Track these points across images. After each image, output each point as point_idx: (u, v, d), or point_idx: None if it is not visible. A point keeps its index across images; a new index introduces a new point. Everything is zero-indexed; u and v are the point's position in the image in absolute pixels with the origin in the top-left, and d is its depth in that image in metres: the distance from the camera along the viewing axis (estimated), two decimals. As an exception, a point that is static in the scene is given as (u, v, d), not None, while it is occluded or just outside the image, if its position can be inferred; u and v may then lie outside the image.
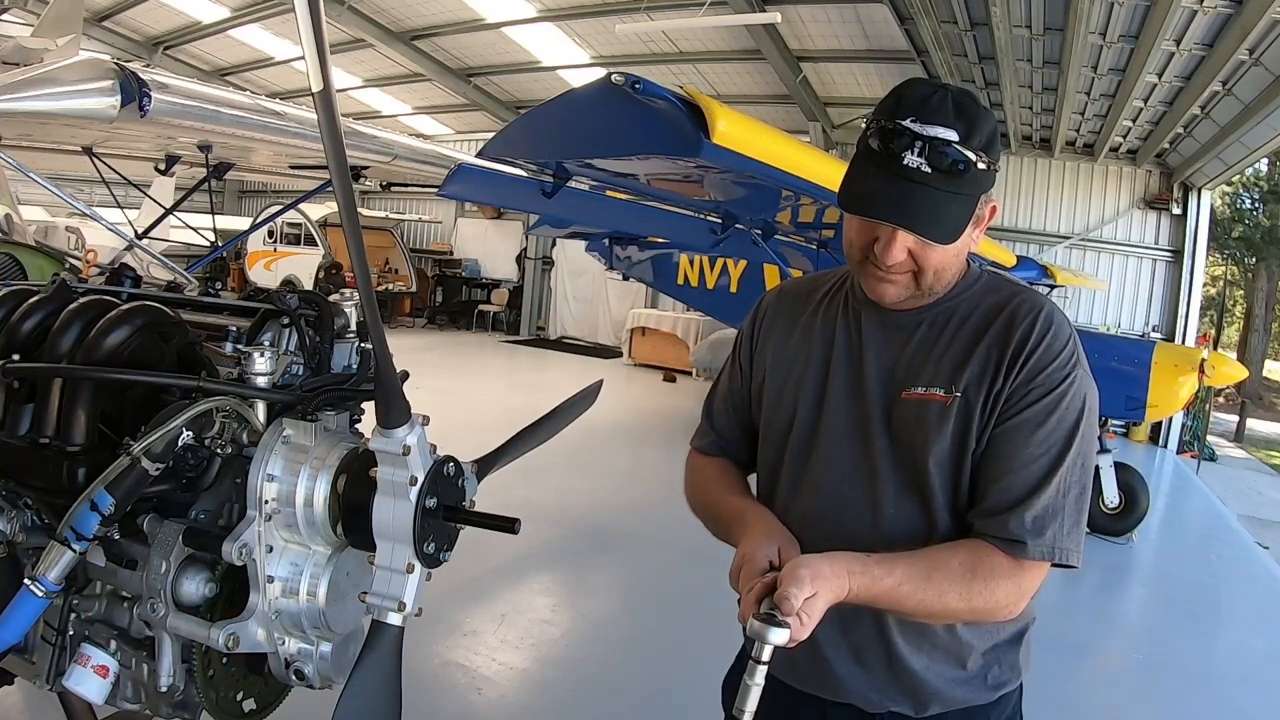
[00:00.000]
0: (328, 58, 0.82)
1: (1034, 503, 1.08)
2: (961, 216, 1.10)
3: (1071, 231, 11.48)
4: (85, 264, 3.66)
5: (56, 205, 11.25)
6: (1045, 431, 1.10)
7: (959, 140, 1.05)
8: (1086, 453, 1.12)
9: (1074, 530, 1.10)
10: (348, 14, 11.31)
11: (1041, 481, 1.09)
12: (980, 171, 1.08)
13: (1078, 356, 1.14)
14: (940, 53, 8.61)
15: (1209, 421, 11.74)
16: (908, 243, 1.11)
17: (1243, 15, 6.00)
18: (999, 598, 1.08)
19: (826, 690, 1.24)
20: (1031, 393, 1.11)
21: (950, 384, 1.15)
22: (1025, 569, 1.09)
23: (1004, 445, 1.11)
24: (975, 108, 1.08)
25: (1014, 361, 1.12)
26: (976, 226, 1.16)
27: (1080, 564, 1.11)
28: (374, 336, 0.97)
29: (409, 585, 1.02)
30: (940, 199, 1.06)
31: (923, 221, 1.08)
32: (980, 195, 1.12)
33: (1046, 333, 1.13)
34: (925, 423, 1.15)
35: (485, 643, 3.51)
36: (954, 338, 1.18)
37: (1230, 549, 6.44)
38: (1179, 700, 3.70)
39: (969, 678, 1.20)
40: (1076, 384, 1.12)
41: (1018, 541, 1.08)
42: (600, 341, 14.97)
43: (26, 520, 1.22)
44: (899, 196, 1.07)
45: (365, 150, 4.32)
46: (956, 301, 1.21)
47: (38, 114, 2.48)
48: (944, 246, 1.11)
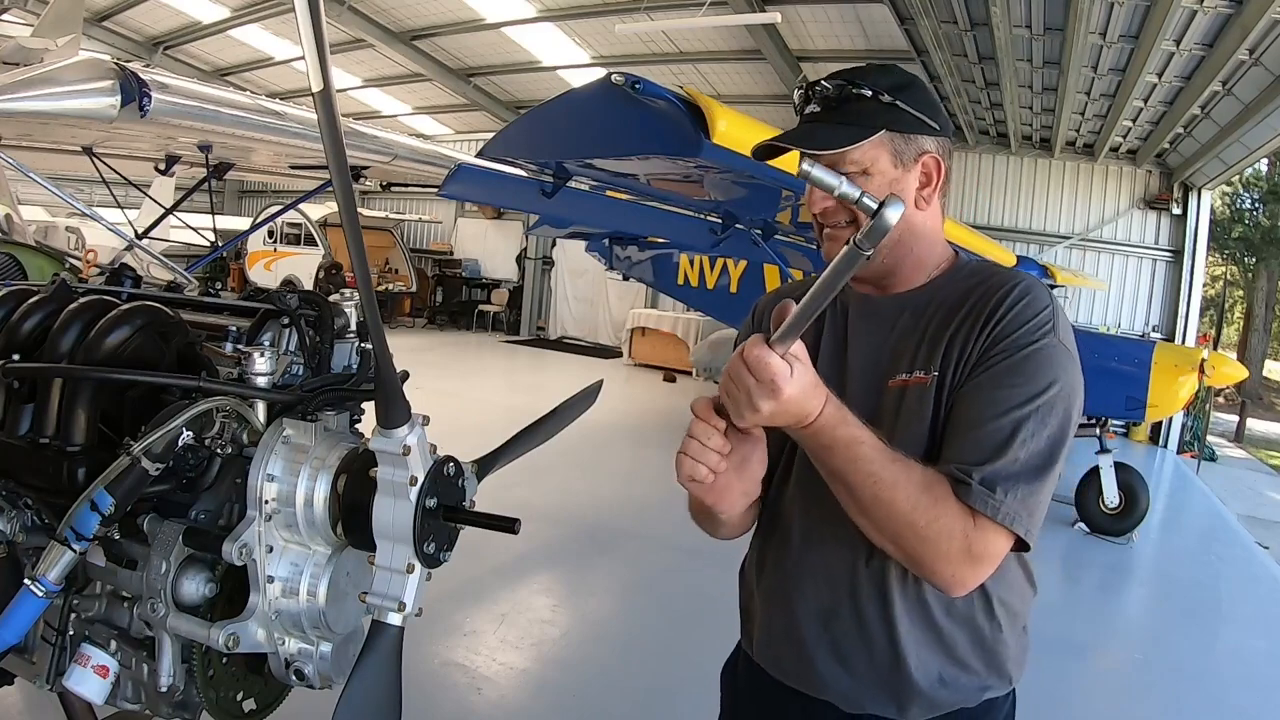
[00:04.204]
0: (328, 58, 0.81)
1: (988, 464, 1.03)
2: (845, 135, 1.11)
3: (1071, 231, 11.48)
4: (85, 264, 3.66)
5: (56, 205, 11.25)
6: (1005, 392, 1.05)
7: (847, 81, 1.12)
8: (1055, 427, 1.05)
9: (1028, 501, 1.04)
10: (348, 14, 11.31)
11: (1003, 443, 1.03)
12: (880, 104, 1.11)
13: (1053, 327, 1.09)
14: (940, 53, 8.61)
15: (1209, 421, 11.74)
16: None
17: (1243, 15, 6.00)
18: (940, 530, 1.01)
19: (808, 686, 1.23)
20: (995, 355, 1.08)
21: (928, 364, 1.13)
22: (975, 523, 1.02)
23: (963, 405, 1.08)
24: (878, 69, 1.14)
25: (983, 327, 1.10)
26: (925, 186, 1.16)
27: (1033, 543, 1.06)
28: (374, 336, 0.97)
29: (409, 585, 1.02)
30: (831, 128, 1.12)
31: (809, 143, 1.12)
32: (884, 129, 1.11)
33: (1020, 300, 1.10)
34: (907, 408, 1.13)
35: (485, 643, 3.51)
36: (933, 320, 1.16)
37: (1230, 549, 6.44)
38: (1179, 700, 3.70)
39: (956, 678, 1.17)
40: (1044, 351, 1.07)
41: (962, 482, 1.02)
42: (600, 341, 14.97)
43: (26, 520, 1.22)
44: (795, 134, 1.15)
45: (365, 150, 4.32)
46: (942, 287, 1.19)
47: (38, 114, 2.48)
48: (865, 188, 1.01)
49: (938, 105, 1.17)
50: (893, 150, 1.13)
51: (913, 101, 1.13)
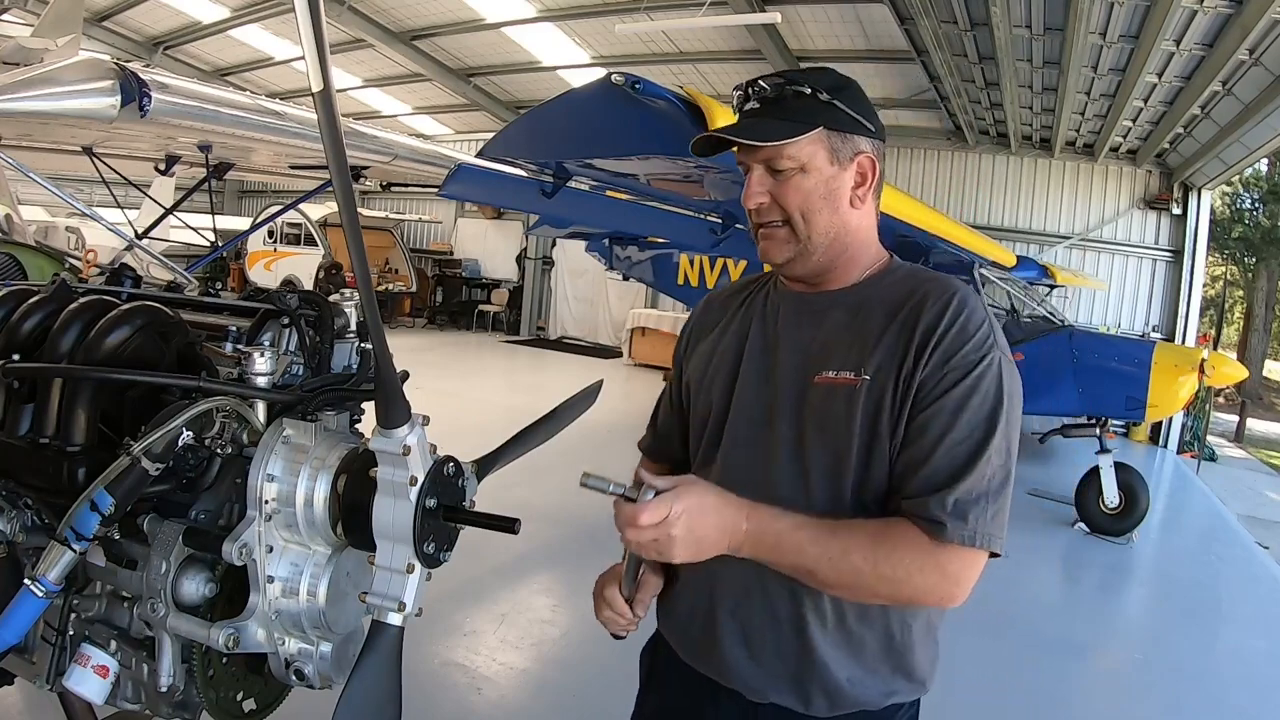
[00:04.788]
0: (328, 58, 0.82)
1: (957, 488, 1.05)
2: (784, 129, 1.13)
3: (1071, 231, 11.47)
4: (85, 264, 3.66)
5: (56, 205, 11.25)
6: (966, 416, 1.07)
7: (786, 80, 1.15)
8: (1010, 438, 1.09)
9: (998, 517, 1.07)
10: (348, 14, 11.30)
11: (964, 467, 1.06)
12: (819, 102, 1.13)
13: (994, 340, 1.11)
14: (940, 53, 8.61)
15: (1209, 421, 11.74)
16: (765, 184, 1.16)
17: (1243, 15, 6.00)
18: (910, 569, 1.05)
19: (716, 672, 1.24)
20: (946, 377, 1.09)
21: (859, 366, 1.13)
22: (946, 551, 1.05)
23: (923, 433, 1.09)
24: (816, 70, 1.17)
25: (924, 346, 1.10)
26: (860, 185, 1.18)
27: (1004, 551, 1.08)
28: (374, 336, 0.97)
29: (409, 585, 1.02)
30: (770, 122, 1.14)
31: (749, 135, 1.14)
32: (820, 125, 1.13)
33: (958, 316, 1.11)
34: (834, 406, 1.14)
35: (485, 643, 3.51)
36: (866, 321, 1.17)
37: (1230, 549, 6.43)
38: (1179, 700, 3.69)
39: (862, 680, 1.17)
40: (993, 367, 1.09)
41: (936, 522, 1.05)
42: (600, 341, 14.97)
43: (26, 520, 1.22)
44: (735, 129, 1.17)
45: (365, 150, 4.31)
46: (875, 287, 1.21)
47: (38, 114, 2.48)
48: (801, 184, 1.14)
49: (873, 110, 1.19)
50: (830, 148, 1.15)
51: (850, 102, 1.15)
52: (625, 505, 1.04)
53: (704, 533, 1.04)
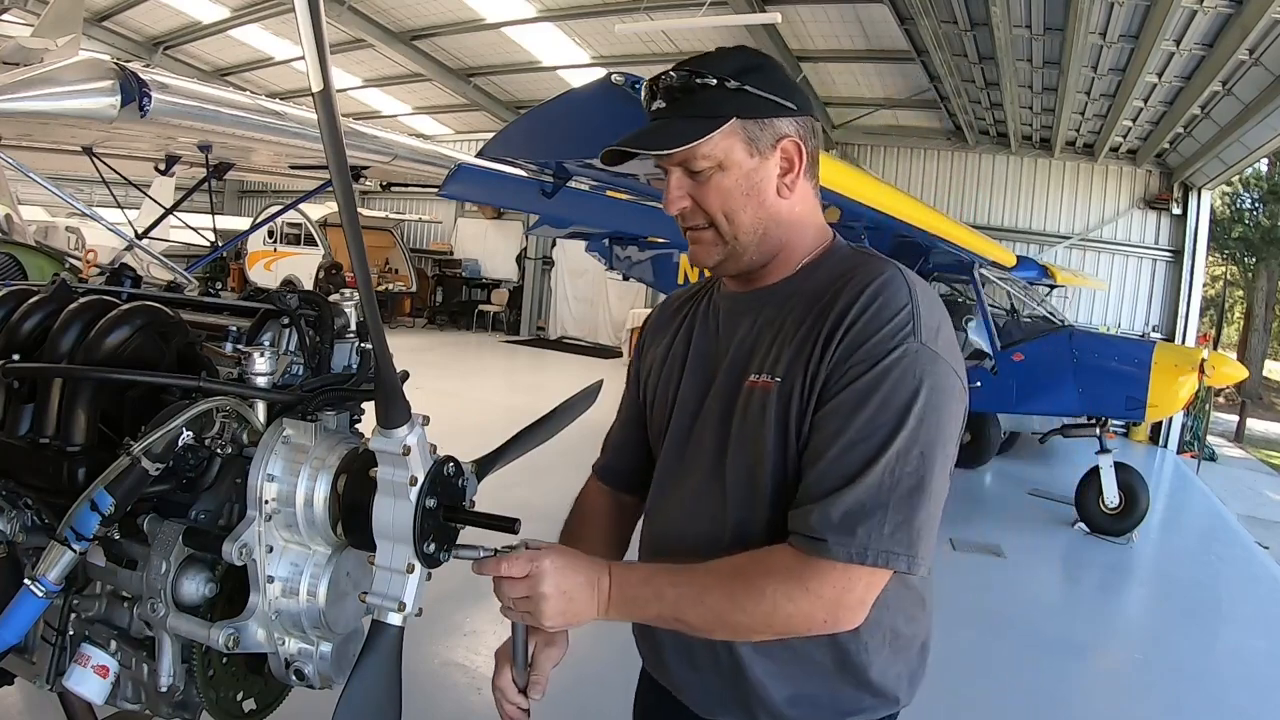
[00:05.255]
0: (328, 58, 0.81)
1: (845, 495, 0.94)
2: (691, 130, 1.04)
3: (1071, 231, 11.47)
4: (85, 264, 3.66)
5: (56, 205, 11.24)
6: (866, 414, 0.96)
7: (690, 72, 1.05)
8: (927, 439, 0.96)
9: (902, 530, 0.95)
10: (348, 14, 11.30)
11: (858, 471, 0.95)
12: (727, 91, 1.03)
13: (913, 328, 0.98)
14: (940, 53, 8.61)
15: (1209, 421, 11.73)
16: (685, 186, 1.08)
17: (1243, 15, 6.00)
18: (775, 599, 0.96)
19: (668, 684, 1.23)
20: (850, 371, 0.98)
21: (775, 367, 1.05)
22: (820, 572, 0.95)
23: (819, 432, 0.99)
24: (724, 53, 1.08)
25: (830, 337, 1.00)
26: (787, 172, 1.08)
27: (919, 570, 0.96)
28: (374, 336, 0.97)
29: (409, 585, 1.02)
30: (672, 122, 1.06)
31: (656, 142, 1.06)
32: (733, 117, 1.04)
33: (872, 302, 0.99)
34: (752, 413, 1.07)
35: (485, 643, 3.51)
36: (789, 316, 1.08)
37: (1230, 549, 6.43)
38: (1179, 700, 3.69)
39: (814, 696, 1.10)
40: (907, 359, 0.96)
41: (817, 539, 0.95)
42: (600, 341, 14.97)
43: (26, 520, 1.22)
44: (642, 135, 1.09)
45: (365, 150, 4.32)
46: (806, 278, 1.11)
47: (38, 114, 2.48)
48: (721, 183, 1.06)
49: (793, 85, 1.09)
50: (747, 138, 1.05)
51: (763, 84, 1.05)
52: (488, 559, 1.02)
53: (573, 590, 1.00)
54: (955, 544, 5.41)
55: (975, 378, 6.59)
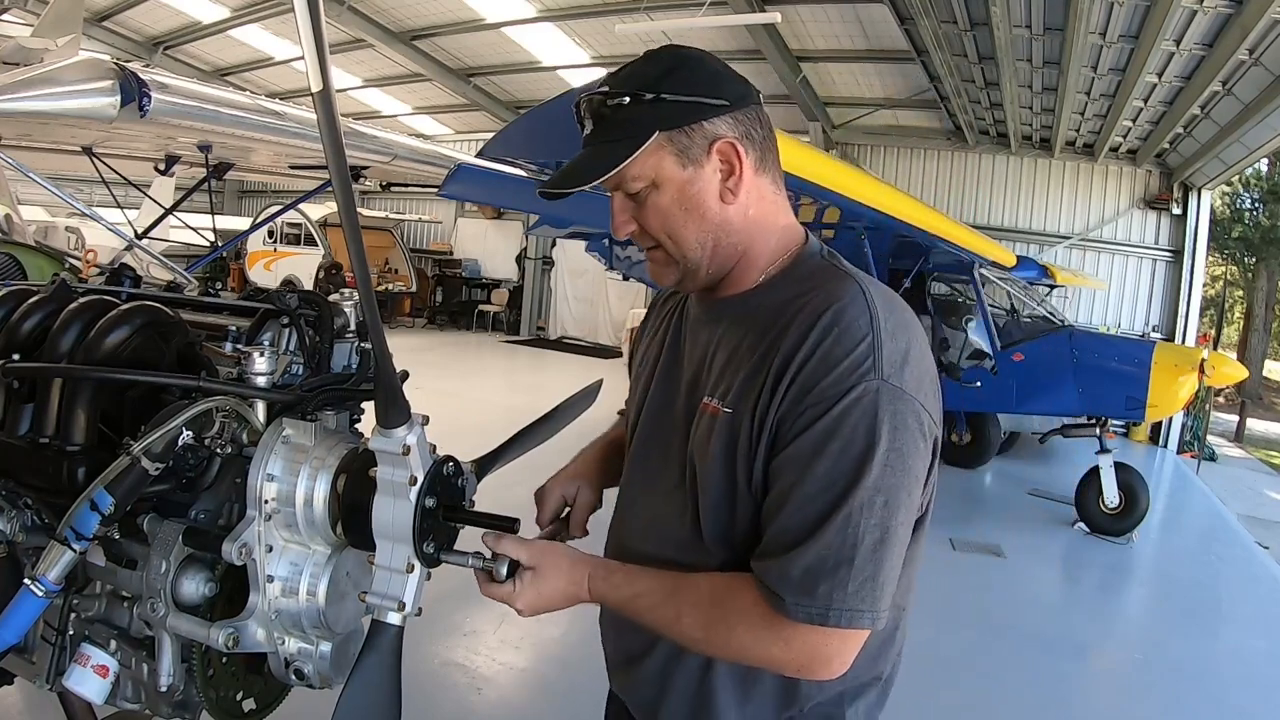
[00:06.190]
0: (328, 58, 0.81)
1: (806, 551, 0.89)
2: (613, 155, 0.99)
3: (1071, 231, 11.48)
4: (85, 264, 3.66)
5: (56, 205, 11.24)
6: (823, 465, 0.89)
7: (605, 93, 1.01)
8: (892, 486, 0.89)
9: (867, 587, 0.89)
10: (348, 14, 11.31)
11: (816, 525, 0.89)
12: (642, 105, 0.98)
13: (871, 365, 0.90)
14: (940, 53, 8.61)
15: (1209, 421, 11.73)
16: (628, 209, 1.05)
17: (1243, 15, 6.00)
18: (745, 642, 0.94)
19: (619, 688, 1.23)
20: (803, 416, 0.91)
21: (726, 393, 1.00)
22: (788, 627, 0.91)
23: (778, 480, 0.94)
24: (642, 62, 1.02)
25: (780, 376, 0.94)
26: (729, 176, 1.01)
27: (880, 625, 0.91)
28: (374, 336, 0.97)
29: (409, 585, 1.02)
30: (599, 148, 1.02)
31: (582, 174, 1.02)
32: (656, 131, 0.98)
33: (824, 339, 0.92)
34: (700, 438, 1.03)
35: (485, 643, 3.51)
36: (745, 336, 1.02)
37: (1230, 549, 6.44)
38: (1179, 700, 3.70)
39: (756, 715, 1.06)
40: (866, 399, 0.89)
41: (778, 596, 0.90)
42: (600, 341, 14.97)
43: (26, 520, 1.22)
44: (571, 166, 1.05)
45: (365, 150, 4.32)
46: (767, 293, 1.05)
47: (38, 114, 2.48)
48: (658, 202, 1.01)
49: (719, 77, 1.01)
50: (675, 150, 0.99)
51: (684, 86, 0.98)
52: (480, 577, 1.05)
53: (550, 595, 1.02)
54: (955, 544, 5.41)
55: (975, 378, 6.60)
